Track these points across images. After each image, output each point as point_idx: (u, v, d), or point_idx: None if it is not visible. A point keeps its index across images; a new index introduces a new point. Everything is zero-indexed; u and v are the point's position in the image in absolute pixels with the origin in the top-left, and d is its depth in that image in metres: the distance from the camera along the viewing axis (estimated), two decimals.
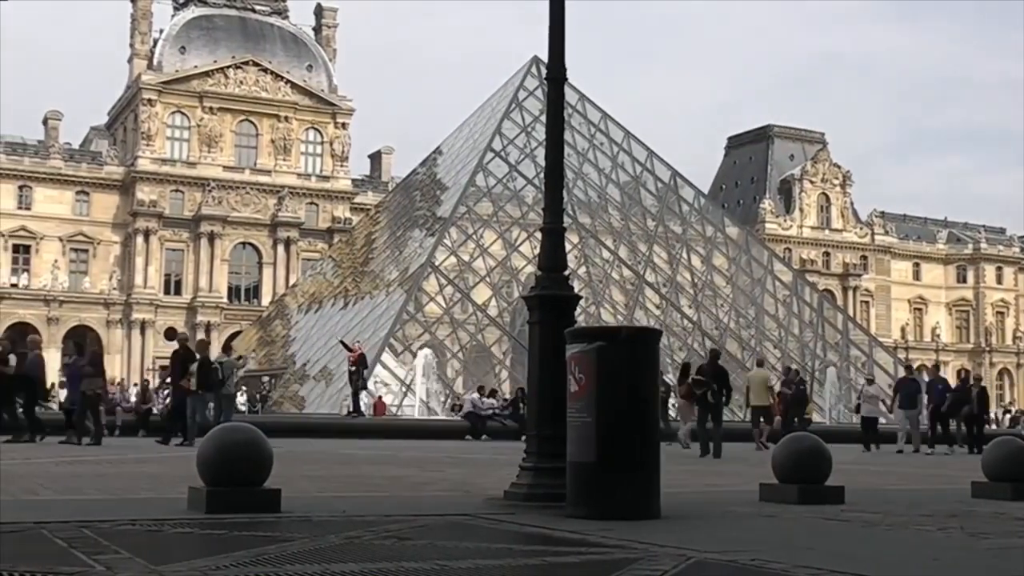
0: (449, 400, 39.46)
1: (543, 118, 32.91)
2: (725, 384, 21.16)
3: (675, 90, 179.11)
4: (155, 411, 28.02)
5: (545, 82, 9.21)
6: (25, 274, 74.61)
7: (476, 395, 31.48)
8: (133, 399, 32.61)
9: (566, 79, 8.62)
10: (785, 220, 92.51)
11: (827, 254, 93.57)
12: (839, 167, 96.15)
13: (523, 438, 10.42)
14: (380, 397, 35.95)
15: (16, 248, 74.72)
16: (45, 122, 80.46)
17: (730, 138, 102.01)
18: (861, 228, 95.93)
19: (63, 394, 26.19)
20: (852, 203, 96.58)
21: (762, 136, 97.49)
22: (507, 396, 35.20)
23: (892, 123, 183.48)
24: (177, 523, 6.13)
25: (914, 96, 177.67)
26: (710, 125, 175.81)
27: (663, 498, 7.08)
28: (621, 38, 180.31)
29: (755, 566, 4.87)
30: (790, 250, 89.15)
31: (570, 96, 42.89)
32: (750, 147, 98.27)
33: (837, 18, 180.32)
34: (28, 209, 74.75)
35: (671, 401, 27.66)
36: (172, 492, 7.86)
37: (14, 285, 73.75)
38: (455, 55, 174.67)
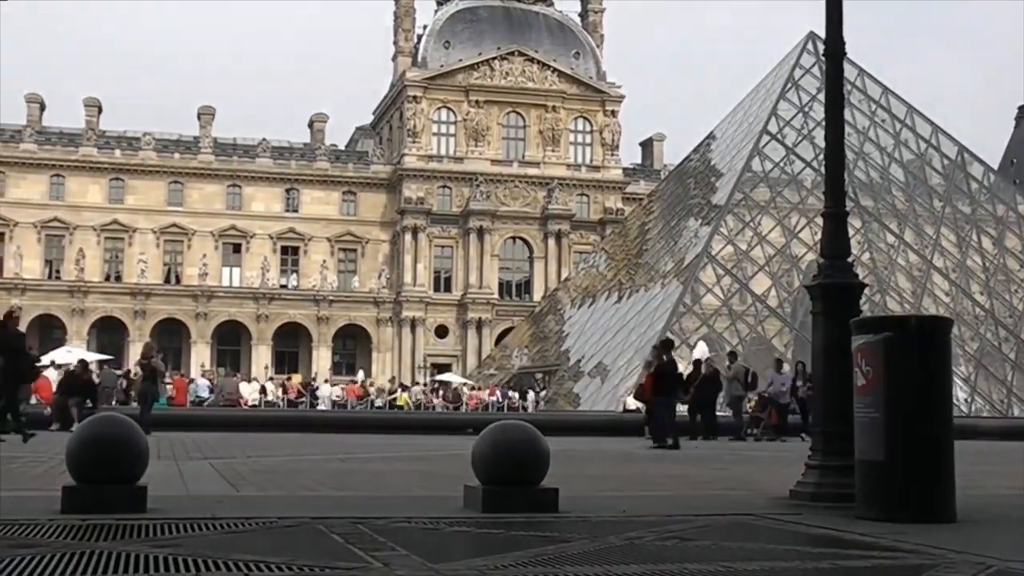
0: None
1: (821, 97, 32.20)
2: None
3: (955, 58, 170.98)
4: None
5: (822, 59, 8.84)
6: (294, 275, 77.22)
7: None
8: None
9: (845, 54, 8.25)
10: None
11: None
12: None
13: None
14: None
15: (285, 250, 77.36)
16: (311, 125, 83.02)
17: (1021, 107, 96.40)
18: None
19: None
20: None
21: None
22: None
23: None
24: (453, 521, 6.15)
25: None
26: (998, 94, 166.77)
27: (957, 500, 6.69)
28: (894, 8, 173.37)
29: None
30: None
31: (849, 72, 41.35)
32: None
33: None
34: (296, 211, 77.41)
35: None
36: (447, 490, 7.92)
37: (283, 286, 76.46)
38: (726, 35, 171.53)
